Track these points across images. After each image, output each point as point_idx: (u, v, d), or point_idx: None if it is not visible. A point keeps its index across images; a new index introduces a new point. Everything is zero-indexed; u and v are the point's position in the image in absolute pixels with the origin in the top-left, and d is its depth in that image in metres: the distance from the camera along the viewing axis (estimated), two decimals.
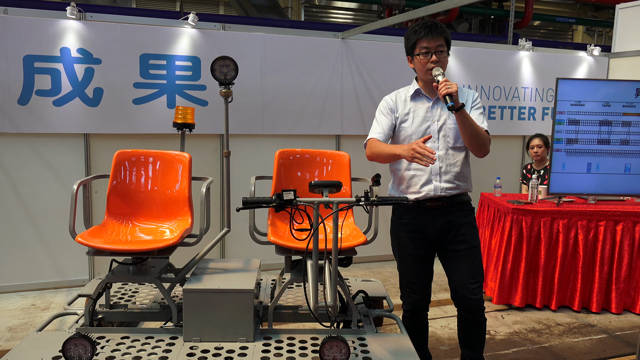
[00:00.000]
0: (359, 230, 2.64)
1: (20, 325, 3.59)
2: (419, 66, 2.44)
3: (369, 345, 2.26)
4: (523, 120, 5.64)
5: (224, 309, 2.28)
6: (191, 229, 2.68)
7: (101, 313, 2.63)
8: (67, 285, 4.36)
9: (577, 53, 5.81)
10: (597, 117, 4.11)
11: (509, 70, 5.49)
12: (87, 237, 2.40)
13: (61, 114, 4.13)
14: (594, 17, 14.72)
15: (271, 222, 2.67)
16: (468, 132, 2.35)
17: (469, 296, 2.49)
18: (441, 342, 3.48)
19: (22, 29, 3.97)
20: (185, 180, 2.77)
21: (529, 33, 14.22)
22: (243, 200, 2.10)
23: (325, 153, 2.98)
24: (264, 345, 2.26)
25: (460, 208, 2.52)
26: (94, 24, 4.14)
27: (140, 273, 2.52)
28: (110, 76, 4.22)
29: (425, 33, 2.38)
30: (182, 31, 4.35)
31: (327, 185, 2.13)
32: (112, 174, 2.77)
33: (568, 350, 3.45)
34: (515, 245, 4.01)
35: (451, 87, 2.24)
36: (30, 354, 2.13)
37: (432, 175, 2.46)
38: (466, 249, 2.50)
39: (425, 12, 3.69)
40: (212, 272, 2.54)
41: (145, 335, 2.32)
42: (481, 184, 5.22)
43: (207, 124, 4.48)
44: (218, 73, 2.66)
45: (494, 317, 3.93)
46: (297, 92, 4.75)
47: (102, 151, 4.33)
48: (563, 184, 4.15)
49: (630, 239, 3.99)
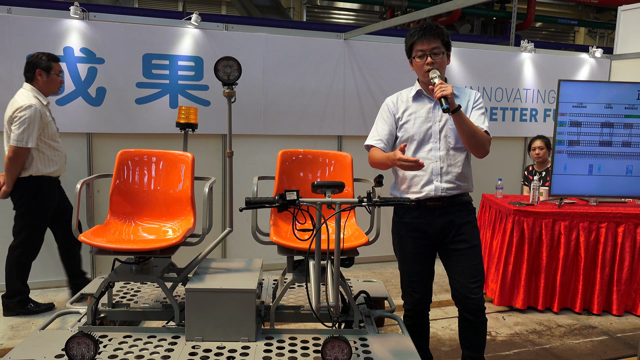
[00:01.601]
0: (361, 230, 2.64)
1: (22, 324, 3.60)
2: (417, 69, 2.48)
3: (371, 345, 2.27)
4: (525, 122, 5.64)
5: (226, 308, 2.29)
6: (193, 228, 2.68)
7: (103, 312, 2.64)
8: None
9: (579, 55, 5.81)
10: (599, 119, 4.12)
11: (510, 71, 5.49)
12: (90, 236, 2.41)
13: (64, 113, 4.14)
14: (596, 18, 14.72)
15: (273, 222, 2.68)
16: (465, 133, 2.37)
17: (469, 295, 2.50)
18: (442, 343, 3.49)
19: (25, 28, 3.98)
20: (188, 180, 2.78)
21: (530, 34, 14.23)
22: (246, 201, 2.11)
23: (327, 154, 2.98)
24: (265, 345, 2.27)
25: (461, 208, 2.53)
26: (97, 23, 4.15)
27: (143, 272, 2.53)
28: (113, 76, 4.23)
29: (420, 36, 2.41)
30: (184, 31, 4.36)
31: (330, 186, 2.14)
32: (115, 173, 2.78)
33: (569, 351, 3.45)
34: (516, 247, 4.01)
35: (446, 89, 2.27)
36: (33, 352, 2.14)
37: (433, 175, 2.47)
38: (466, 248, 2.51)
39: (427, 13, 3.69)
40: (215, 272, 2.55)
41: (148, 334, 2.33)
42: (482, 185, 5.22)
43: (210, 124, 4.49)
44: (221, 73, 2.67)
45: (494, 318, 3.93)
46: (299, 92, 4.76)
47: (105, 150, 4.34)
48: (564, 185, 4.16)
49: (631, 240, 3.99)
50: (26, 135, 3.37)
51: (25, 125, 3.36)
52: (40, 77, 3.52)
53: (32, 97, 3.46)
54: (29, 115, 3.36)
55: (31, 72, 3.52)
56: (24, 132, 3.36)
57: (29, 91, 3.50)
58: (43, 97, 3.53)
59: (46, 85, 3.55)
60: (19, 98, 3.47)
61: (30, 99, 3.43)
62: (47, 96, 3.60)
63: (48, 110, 3.56)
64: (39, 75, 3.52)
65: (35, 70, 3.50)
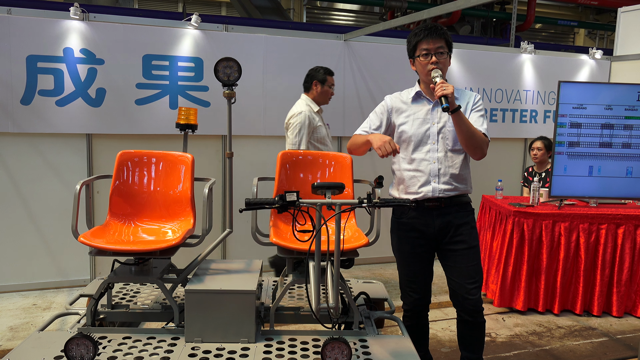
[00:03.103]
0: (361, 231, 2.64)
1: (22, 325, 3.60)
2: (420, 68, 2.47)
3: (371, 346, 2.26)
4: (525, 123, 5.64)
5: (226, 309, 2.29)
6: (193, 229, 2.68)
7: (103, 313, 2.63)
8: (68, 285, 4.36)
9: (579, 56, 5.81)
10: (599, 120, 4.12)
11: (510, 72, 5.50)
12: (90, 237, 2.41)
13: (64, 114, 4.14)
14: (596, 20, 14.74)
15: (273, 223, 2.67)
16: (464, 134, 2.38)
17: (467, 296, 2.50)
18: (442, 344, 3.48)
19: (25, 29, 3.98)
20: (188, 181, 2.77)
21: (530, 36, 14.24)
22: (246, 202, 2.10)
23: (327, 155, 2.98)
24: (265, 347, 2.26)
25: (459, 209, 2.53)
26: (97, 24, 4.15)
27: (142, 273, 2.53)
28: (113, 77, 4.22)
29: (425, 35, 2.41)
30: (184, 32, 4.36)
31: (330, 187, 2.14)
32: (115, 174, 2.78)
33: (569, 353, 3.44)
34: (516, 248, 4.01)
35: (447, 88, 2.27)
36: (33, 353, 2.13)
37: (431, 176, 2.47)
38: (464, 249, 2.51)
39: (427, 14, 3.70)
40: (214, 273, 2.54)
41: (147, 335, 2.33)
42: (482, 186, 5.23)
43: (209, 125, 4.49)
44: (222, 74, 2.67)
45: (494, 319, 3.93)
46: (299, 93, 4.75)
47: (104, 151, 4.34)
48: (564, 187, 4.15)
49: (631, 242, 3.99)
50: (298, 139, 3.69)
51: (296, 130, 3.70)
52: (315, 87, 3.87)
53: (305, 105, 3.82)
54: (299, 121, 3.70)
55: (309, 82, 3.91)
56: (296, 136, 3.70)
57: (303, 100, 3.89)
58: (315, 105, 3.87)
59: (319, 96, 3.89)
60: (294, 106, 3.86)
61: (302, 107, 3.79)
62: (320, 105, 3.92)
63: (319, 117, 3.87)
64: (314, 86, 3.87)
65: (313, 81, 3.88)
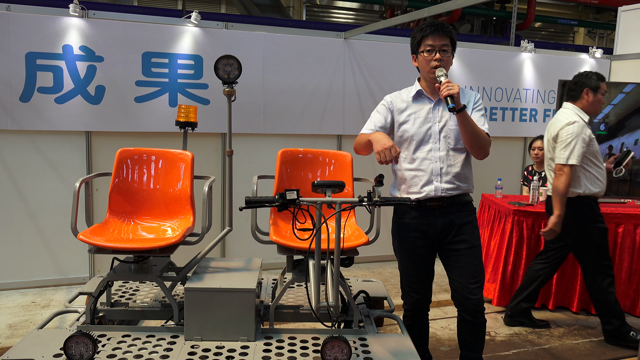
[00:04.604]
0: (361, 230, 2.64)
1: (21, 323, 3.59)
2: (423, 64, 2.46)
3: (370, 345, 2.26)
4: (524, 122, 5.64)
5: (225, 308, 2.28)
6: (193, 227, 2.68)
7: (102, 311, 2.63)
8: (68, 283, 4.36)
9: (579, 55, 5.81)
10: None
11: (510, 71, 5.49)
12: (89, 235, 2.40)
13: (63, 112, 4.13)
14: (596, 19, 14.73)
15: (273, 222, 2.67)
16: (469, 133, 2.37)
17: (469, 296, 2.50)
18: (441, 343, 3.49)
19: (24, 26, 3.96)
20: (188, 179, 2.77)
21: (530, 35, 14.23)
22: (246, 200, 2.10)
23: (327, 153, 2.98)
24: (265, 345, 2.26)
25: (461, 208, 2.52)
26: (97, 21, 4.14)
27: (142, 271, 2.52)
28: (113, 74, 4.21)
29: (431, 31, 2.41)
30: (184, 30, 4.35)
31: (330, 185, 2.13)
32: (114, 172, 2.77)
33: (568, 352, 3.45)
34: (516, 247, 4.01)
35: (453, 88, 2.26)
36: (32, 351, 2.13)
37: (433, 175, 2.46)
38: (466, 248, 2.50)
39: (427, 12, 3.69)
40: (214, 271, 2.54)
41: (146, 333, 2.32)
42: (482, 185, 5.22)
43: (209, 123, 4.48)
44: (222, 72, 2.66)
45: (494, 318, 3.93)
46: (298, 91, 4.76)
47: (104, 149, 4.33)
48: None
49: (630, 241, 3.99)
50: (569, 151, 3.29)
51: (572, 141, 3.28)
52: (586, 95, 3.40)
53: (574, 115, 3.37)
54: (574, 130, 3.28)
55: (578, 90, 3.43)
56: (568, 148, 3.29)
57: (570, 110, 3.43)
58: (585, 115, 3.40)
59: (591, 105, 3.42)
60: (559, 116, 3.43)
61: (573, 117, 3.35)
62: (590, 115, 3.44)
63: (589, 129, 3.40)
64: (585, 94, 3.41)
65: (584, 89, 3.41)
